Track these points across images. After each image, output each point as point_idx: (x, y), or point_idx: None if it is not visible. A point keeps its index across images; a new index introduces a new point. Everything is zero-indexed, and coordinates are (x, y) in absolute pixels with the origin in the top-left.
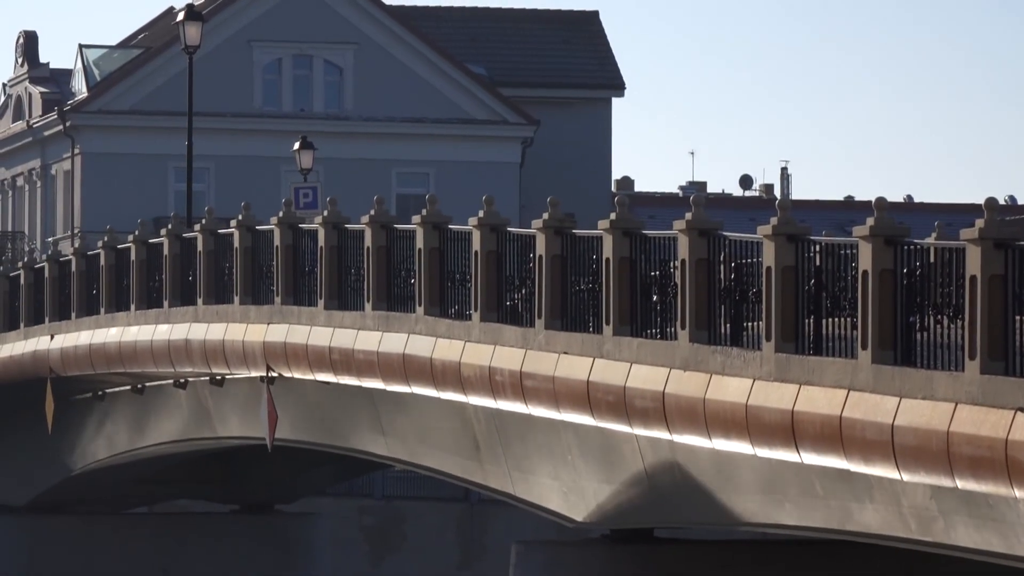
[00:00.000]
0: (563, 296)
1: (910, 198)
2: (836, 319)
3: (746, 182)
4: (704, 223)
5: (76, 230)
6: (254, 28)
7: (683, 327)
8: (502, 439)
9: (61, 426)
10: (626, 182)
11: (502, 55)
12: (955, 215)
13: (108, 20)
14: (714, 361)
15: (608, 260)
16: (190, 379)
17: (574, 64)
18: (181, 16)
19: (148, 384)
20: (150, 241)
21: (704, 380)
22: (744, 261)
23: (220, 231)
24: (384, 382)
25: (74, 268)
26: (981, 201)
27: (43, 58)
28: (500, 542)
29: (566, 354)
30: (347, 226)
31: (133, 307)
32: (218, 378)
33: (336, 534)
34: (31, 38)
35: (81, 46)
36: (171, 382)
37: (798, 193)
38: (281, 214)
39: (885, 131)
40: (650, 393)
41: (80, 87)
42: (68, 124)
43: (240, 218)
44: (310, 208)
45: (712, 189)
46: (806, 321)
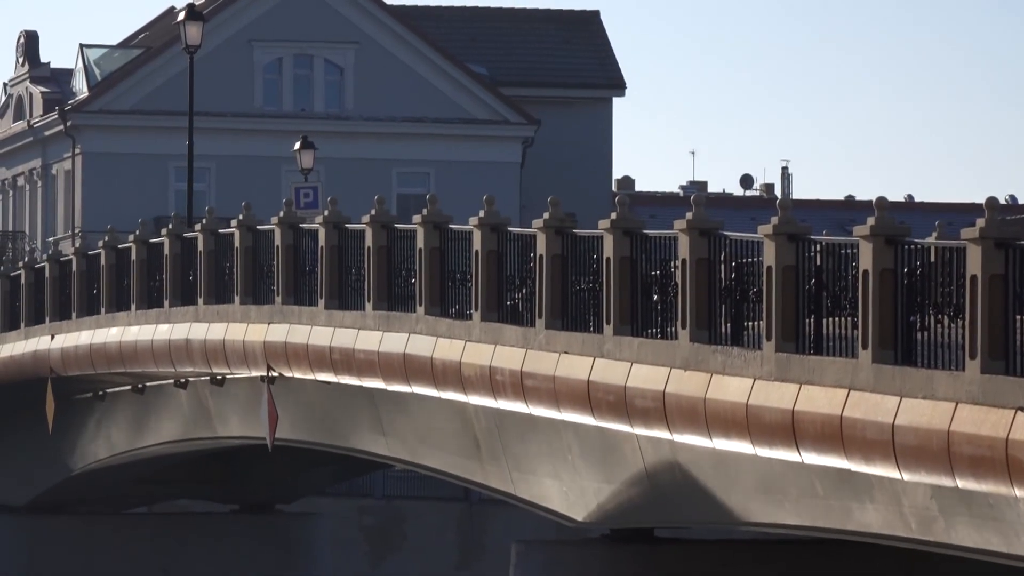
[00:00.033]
0: (564, 296)
1: (911, 198)
2: (837, 319)
3: (747, 182)
4: (705, 223)
5: (77, 230)
6: (255, 28)
7: (684, 327)
8: (502, 439)
9: (61, 426)
10: (627, 182)
11: (503, 55)
12: (955, 215)
13: (109, 20)
14: (715, 361)
15: (609, 260)
16: (190, 379)
17: (575, 64)
18: (182, 16)
19: (148, 384)
20: (151, 241)
21: (704, 380)
22: (745, 261)
23: (221, 231)
24: (384, 382)
25: (75, 268)
26: (982, 201)
27: (44, 58)
28: (500, 542)
29: (567, 354)
30: (348, 226)
31: (134, 307)
32: (218, 378)
33: (336, 534)
34: (32, 38)
35: (82, 46)
36: (171, 382)
37: (799, 193)
38: (282, 214)
39: (885, 131)
40: (650, 393)
41: (81, 87)
42: (69, 124)
43: (241, 218)
44: (311, 208)
45: (713, 189)
46: (807, 321)
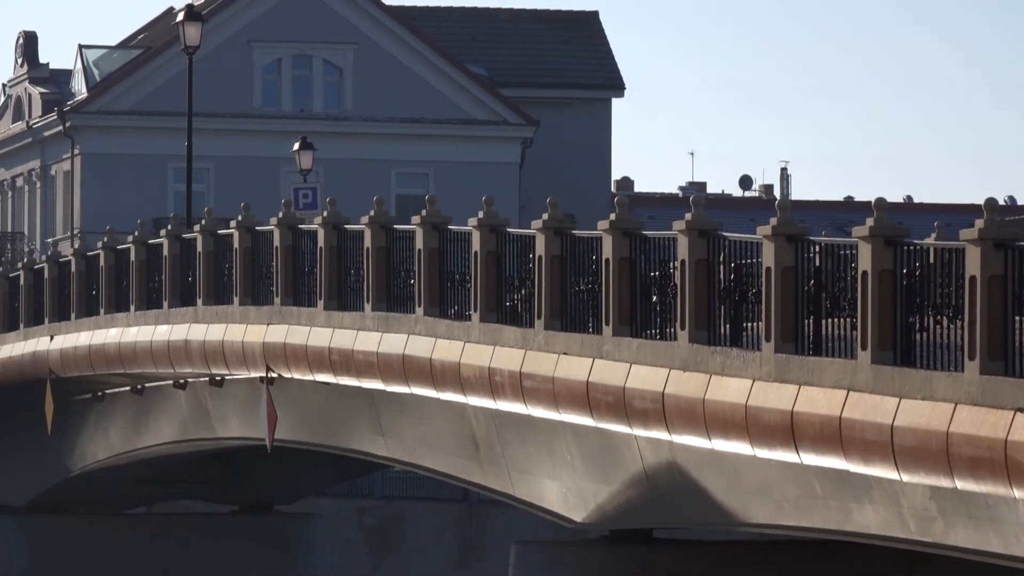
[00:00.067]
0: (563, 297)
1: (910, 198)
2: (836, 319)
3: (746, 182)
4: (704, 223)
5: (76, 231)
6: (254, 28)
7: (683, 327)
8: (501, 440)
9: (61, 427)
10: (626, 182)
11: (502, 55)
12: (955, 215)
13: (108, 20)
14: (714, 362)
15: (608, 260)
16: (190, 380)
17: (574, 64)
18: (181, 16)
19: (148, 385)
20: (150, 242)
21: (704, 381)
22: (744, 261)
23: (220, 232)
24: (383, 383)
25: (74, 269)
26: (981, 201)
27: (43, 58)
28: (499, 542)
29: (566, 355)
30: (347, 227)
31: (133, 308)
32: (218, 379)
33: (336, 534)
34: (31, 38)
35: (81, 46)
36: (171, 383)
37: (798, 193)
38: (281, 215)
39: (885, 131)
40: (650, 394)
41: (80, 87)
42: (68, 124)
43: (240, 219)
44: (310, 209)
45: (712, 189)
46: (806, 321)
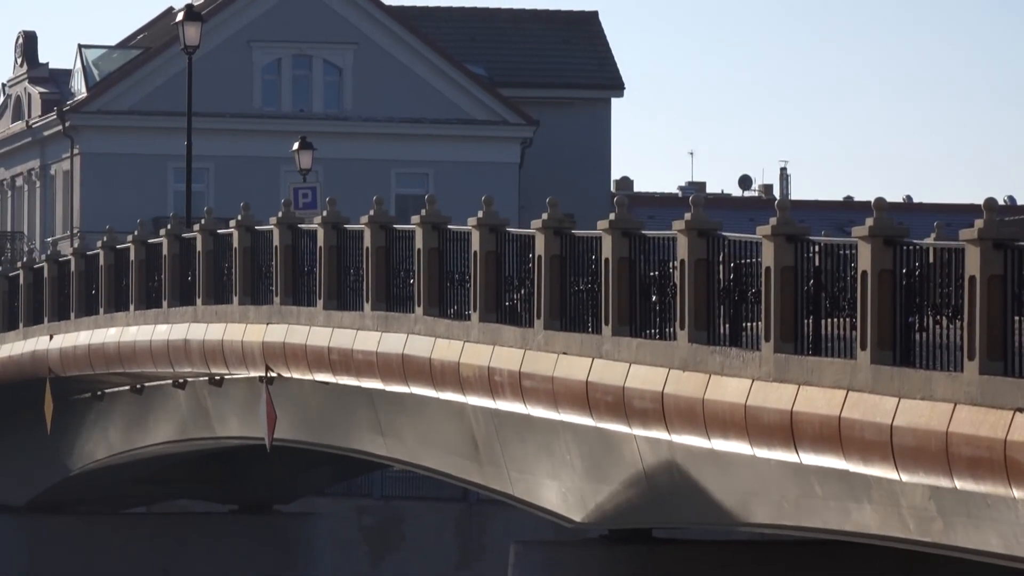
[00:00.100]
0: (562, 296)
1: (909, 198)
2: (835, 319)
3: (745, 182)
4: (703, 223)
5: (75, 230)
6: (253, 28)
7: (682, 327)
8: (501, 439)
9: (60, 426)
10: (625, 182)
11: (501, 55)
12: (954, 215)
13: (107, 20)
14: (713, 361)
15: (607, 260)
16: (189, 379)
17: (573, 64)
18: (180, 16)
19: (147, 384)
20: (149, 241)
21: (703, 380)
22: (743, 261)
23: (219, 231)
24: (383, 382)
25: (73, 268)
26: (980, 201)
27: (42, 58)
28: (499, 542)
29: (565, 354)
30: (346, 226)
31: (132, 307)
32: (217, 378)
33: (335, 534)
34: (30, 38)
35: (80, 46)
36: (170, 382)
37: (797, 193)
38: (280, 214)
39: (885, 131)
40: (649, 393)
41: (79, 87)
42: (67, 124)
43: (239, 218)
44: (309, 208)
45: (711, 189)
46: (805, 321)
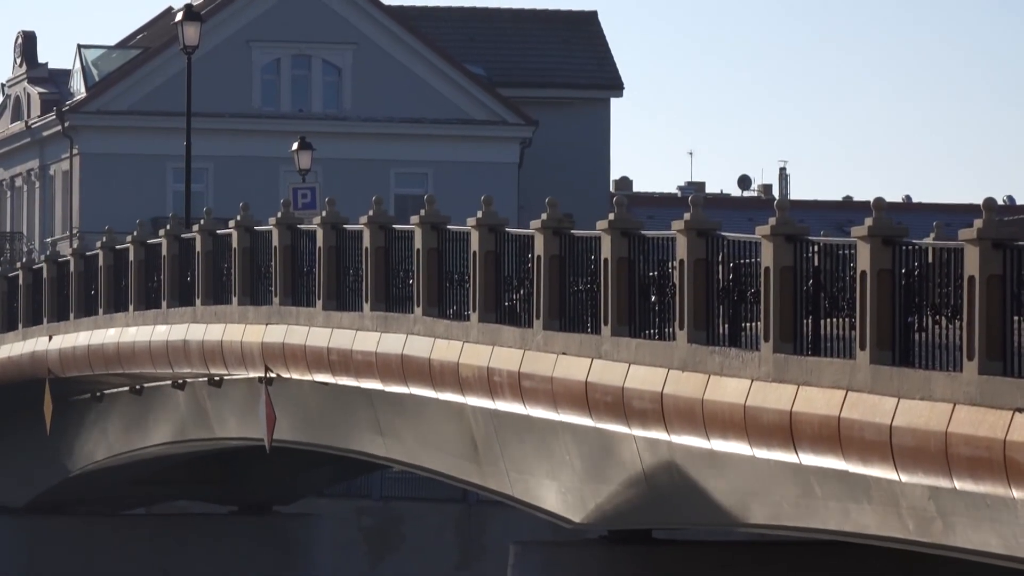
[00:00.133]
0: (561, 296)
1: (909, 198)
2: (834, 319)
3: (744, 182)
4: (702, 223)
5: (74, 231)
6: (253, 28)
7: (681, 327)
8: (500, 440)
9: (60, 427)
10: (624, 182)
11: (501, 55)
12: (953, 215)
13: (107, 20)
14: (712, 362)
15: (606, 260)
16: (188, 380)
17: (573, 64)
18: (180, 16)
19: (146, 385)
20: (148, 242)
21: (702, 381)
22: (742, 261)
23: (218, 232)
24: (382, 383)
25: (72, 269)
26: (979, 201)
27: (42, 58)
28: (498, 543)
29: (564, 355)
30: (345, 226)
31: (131, 308)
32: (216, 379)
33: (335, 535)
34: (30, 38)
35: (80, 46)
36: (169, 383)
37: (796, 193)
38: (279, 215)
39: (884, 131)
40: (648, 394)
41: (79, 87)
42: (67, 124)
43: (238, 219)
44: (308, 209)
45: (710, 189)
46: (804, 321)
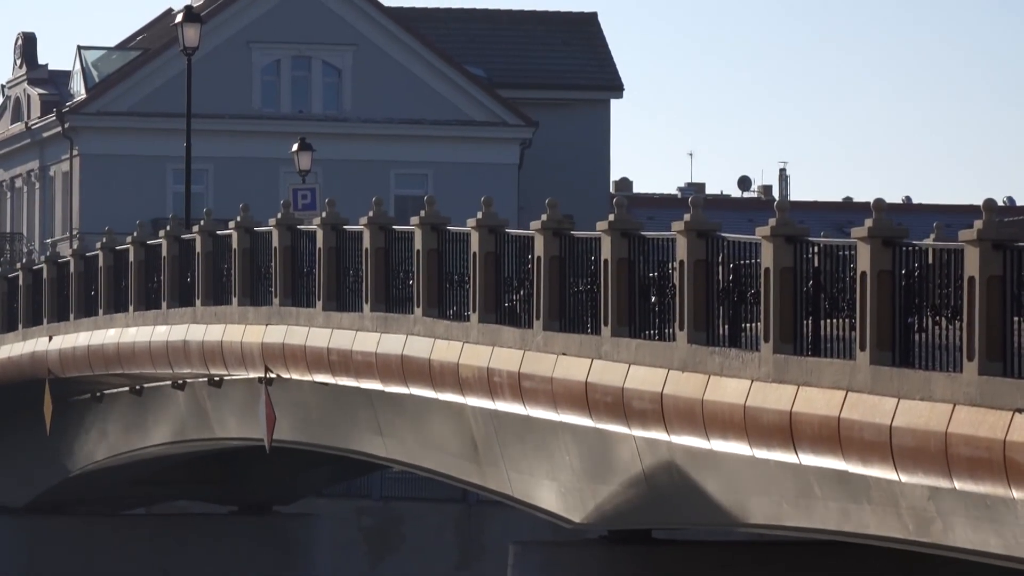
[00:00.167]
0: (561, 297)
1: (909, 199)
2: (834, 320)
3: (744, 183)
4: (702, 224)
5: (74, 231)
6: (253, 29)
7: (681, 328)
8: (500, 440)
9: (60, 427)
10: (624, 183)
11: (501, 56)
12: (954, 216)
13: (107, 21)
14: (712, 362)
15: (606, 261)
16: (188, 380)
17: (573, 65)
18: (179, 17)
19: (146, 385)
20: (148, 242)
21: (702, 381)
22: (742, 262)
23: (218, 232)
24: (382, 383)
25: (72, 269)
26: (980, 202)
27: (41, 59)
28: (498, 543)
29: (564, 355)
30: (345, 227)
31: (131, 308)
32: (216, 379)
33: (335, 535)
34: (29, 39)
35: (79, 47)
36: (169, 383)
37: (796, 194)
38: (279, 215)
39: (884, 132)
40: (648, 394)
41: (79, 88)
42: (67, 125)
43: (238, 219)
44: (308, 209)
45: (710, 190)
46: (804, 322)
